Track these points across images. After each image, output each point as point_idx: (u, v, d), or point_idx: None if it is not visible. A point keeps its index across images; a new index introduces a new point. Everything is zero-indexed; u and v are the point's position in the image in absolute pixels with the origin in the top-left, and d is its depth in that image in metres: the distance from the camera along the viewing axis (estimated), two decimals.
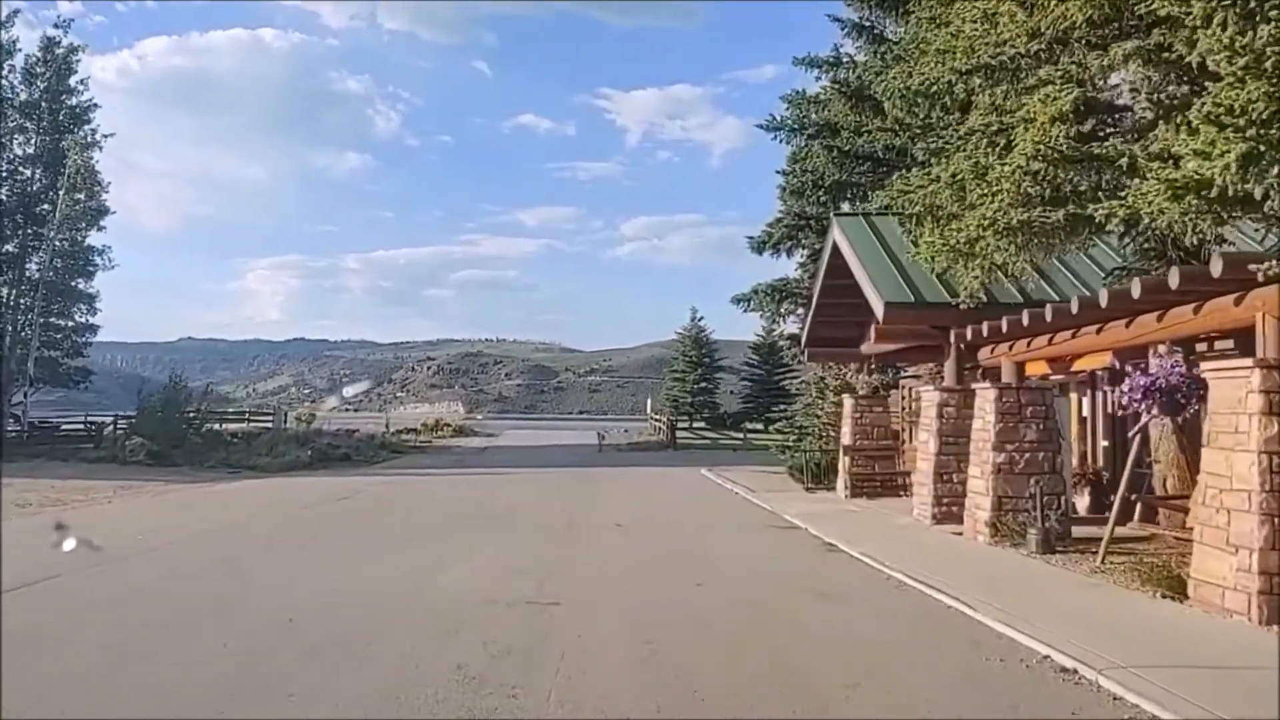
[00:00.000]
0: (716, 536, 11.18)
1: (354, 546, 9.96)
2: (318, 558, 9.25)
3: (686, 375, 52.22)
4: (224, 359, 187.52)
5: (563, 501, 15.52)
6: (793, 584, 7.88)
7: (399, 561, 8.88)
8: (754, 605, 6.95)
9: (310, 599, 7.03)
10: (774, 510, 13.86)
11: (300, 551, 9.84)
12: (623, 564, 8.82)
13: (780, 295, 15.80)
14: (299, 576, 8.08)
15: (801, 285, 15.95)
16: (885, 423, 16.09)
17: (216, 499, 17.07)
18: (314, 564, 8.81)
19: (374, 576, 8.00)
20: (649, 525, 12.22)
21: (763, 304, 16.08)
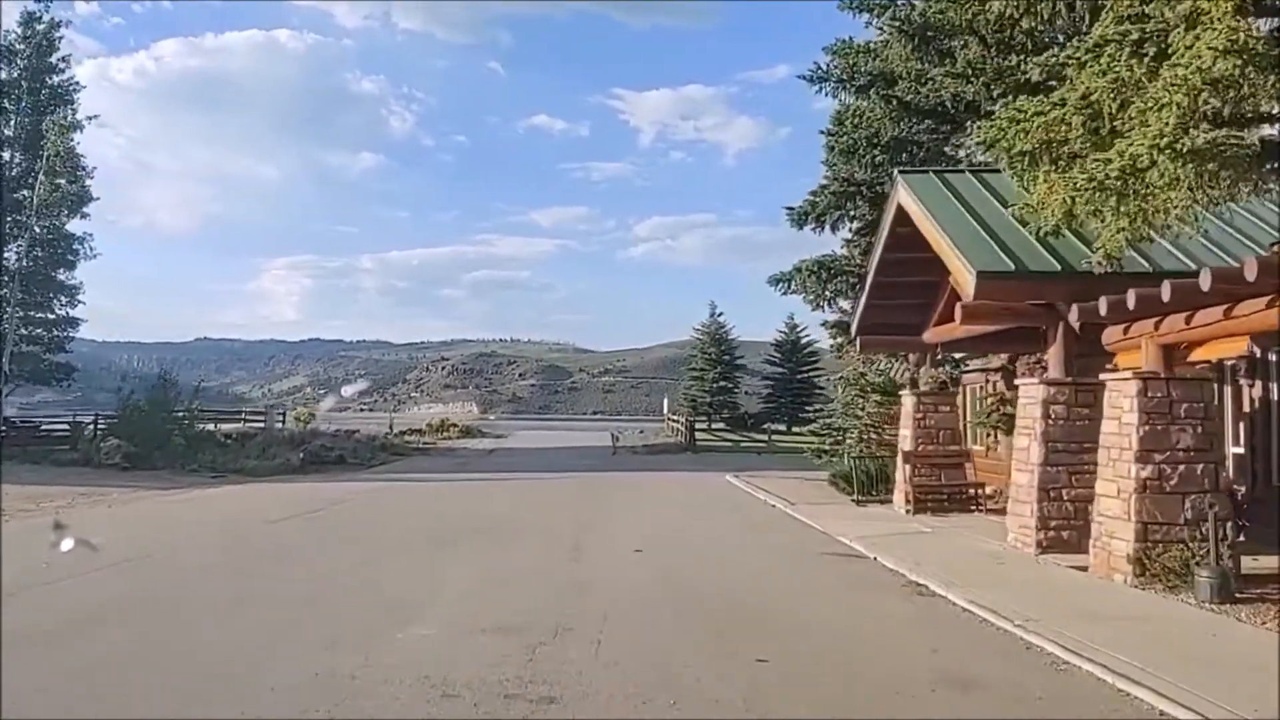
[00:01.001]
0: (764, 571, 8.82)
1: (288, 592, 7.55)
2: (225, 620, 6.44)
3: (705, 374, 49.81)
4: (239, 359, 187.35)
5: (570, 516, 13.22)
6: (894, 659, 5.52)
7: (338, 617, 6.56)
8: (858, 708, 4.59)
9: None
10: (825, 530, 11.49)
11: (209, 605, 7.18)
12: (647, 620, 6.47)
13: (827, 273, 13.40)
14: (170, 659, 5.48)
15: (851, 263, 13.58)
16: (953, 424, 13.67)
17: (177, 510, 14.92)
18: (213, 632, 6.11)
19: (286, 655, 5.46)
20: (675, 551, 9.88)
21: (805, 284, 13.68)
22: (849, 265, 13.42)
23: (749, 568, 8.82)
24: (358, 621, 6.29)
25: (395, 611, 6.52)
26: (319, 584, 7.68)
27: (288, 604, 6.91)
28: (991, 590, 7.22)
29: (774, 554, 9.75)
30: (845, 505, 14.61)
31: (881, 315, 13.58)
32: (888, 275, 12.90)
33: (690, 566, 8.81)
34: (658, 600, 7.14)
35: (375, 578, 7.96)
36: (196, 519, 13.37)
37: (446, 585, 7.74)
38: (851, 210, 14.14)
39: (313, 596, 7.17)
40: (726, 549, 10.09)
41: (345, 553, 9.52)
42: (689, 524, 12.46)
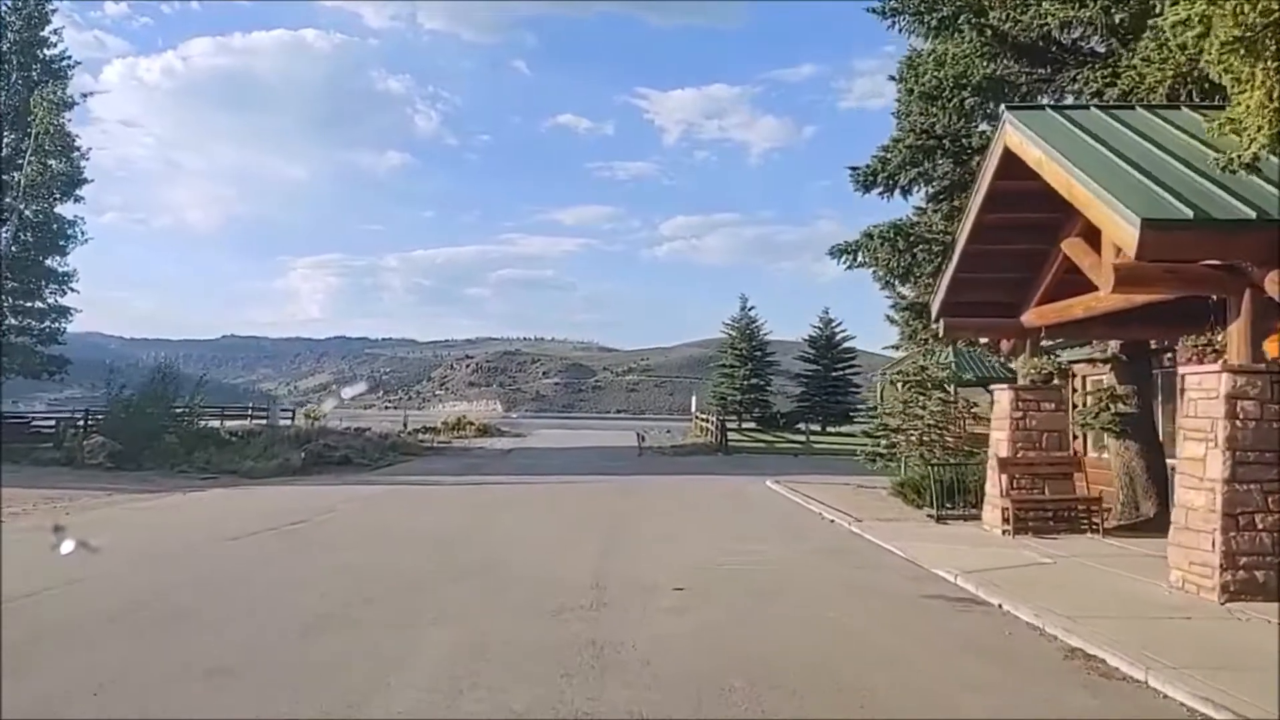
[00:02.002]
0: (856, 628, 6.46)
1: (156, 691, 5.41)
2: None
3: (735, 370, 47.36)
4: (266, 356, 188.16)
5: (590, 535, 10.94)
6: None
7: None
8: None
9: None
10: (911, 559, 9.11)
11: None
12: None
13: (905, 241, 10.93)
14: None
15: (932, 230, 11.14)
16: (1059, 426, 11.19)
17: (136, 519, 12.87)
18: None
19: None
20: (727, 592, 7.56)
21: (876, 255, 11.21)
22: (930, 232, 11.01)
23: (833, 623, 6.47)
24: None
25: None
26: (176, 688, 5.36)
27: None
28: (1224, 675, 4.83)
29: (859, 596, 7.39)
30: (921, 523, 12.20)
31: (970, 292, 11.15)
32: (982, 243, 10.48)
33: (751, 620, 6.48)
34: (714, 683, 4.83)
35: (291, 665, 5.63)
36: (144, 535, 11.26)
37: (416, 660, 5.49)
38: (929, 169, 11.72)
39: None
40: (794, 589, 7.75)
41: (281, 604, 7.29)
42: (736, 547, 10.13)
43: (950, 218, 11.64)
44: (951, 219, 11.65)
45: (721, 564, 8.88)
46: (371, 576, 8.08)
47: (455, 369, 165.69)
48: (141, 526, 12.12)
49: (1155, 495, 11.77)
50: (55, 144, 25.37)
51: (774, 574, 8.39)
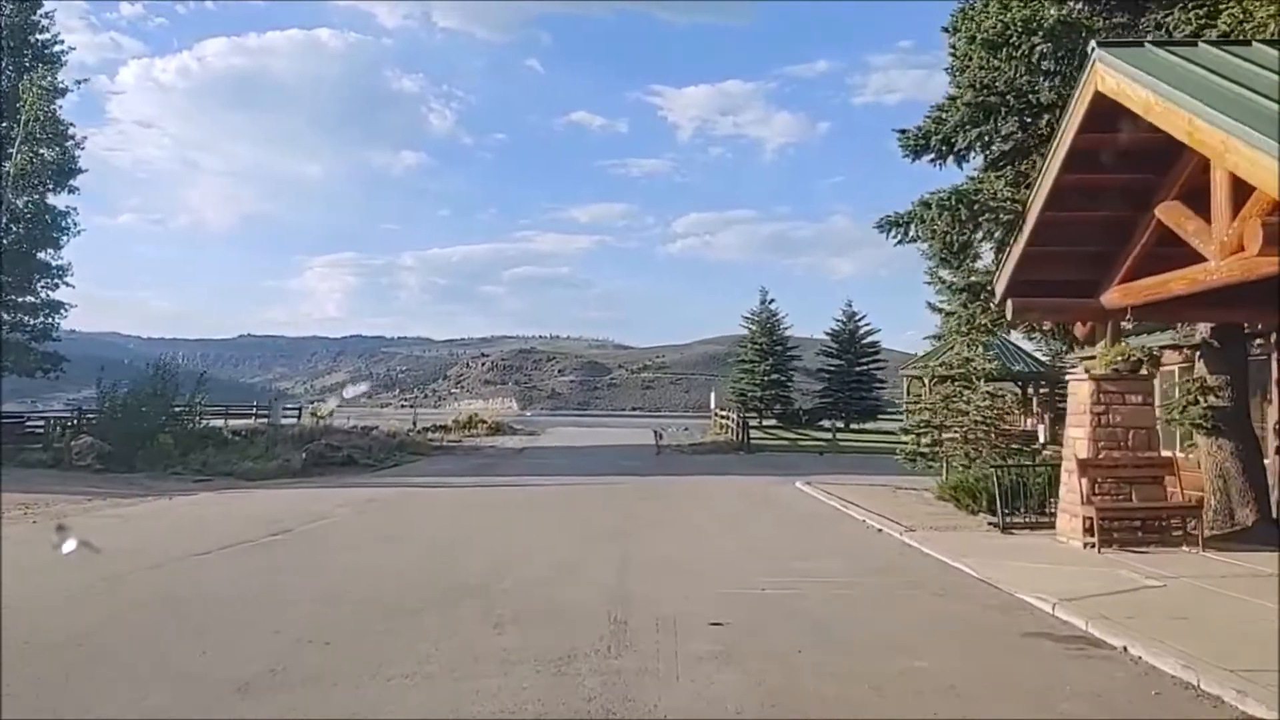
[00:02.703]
0: (953, 682, 5.02)
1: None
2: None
3: (756, 366, 45.79)
4: (282, 355, 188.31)
5: (606, 548, 9.57)
6: None
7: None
8: None
9: None
10: (987, 579, 7.66)
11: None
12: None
13: (968, 210, 9.40)
14: None
15: (998, 198, 9.62)
16: (1148, 422, 9.67)
17: (106, 527, 11.61)
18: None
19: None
20: (775, 629, 6.15)
21: (934, 227, 9.66)
22: (995, 200, 9.51)
23: (920, 675, 5.04)
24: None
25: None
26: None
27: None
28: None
29: (945, 637, 5.95)
30: (983, 532, 10.73)
31: (1042, 269, 9.66)
32: (1059, 209, 8.99)
33: (820, 677, 5.05)
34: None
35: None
36: (102, 547, 9.96)
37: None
38: (991, 130, 10.23)
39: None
40: (859, 625, 6.32)
41: (220, 654, 5.91)
42: (775, 564, 8.71)
43: (1015, 185, 10.14)
44: (1017, 186, 10.15)
45: (762, 587, 7.46)
46: (344, 605, 6.74)
47: (471, 367, 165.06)
48: (101, 537, 10.83)
49: (1254, 501, 10.26)
50: (46, 132, 24.31)
51: (828, 602, 6.96)
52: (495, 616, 6.34)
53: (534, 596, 7.06)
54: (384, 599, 6.95)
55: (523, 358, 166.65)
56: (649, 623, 6.07)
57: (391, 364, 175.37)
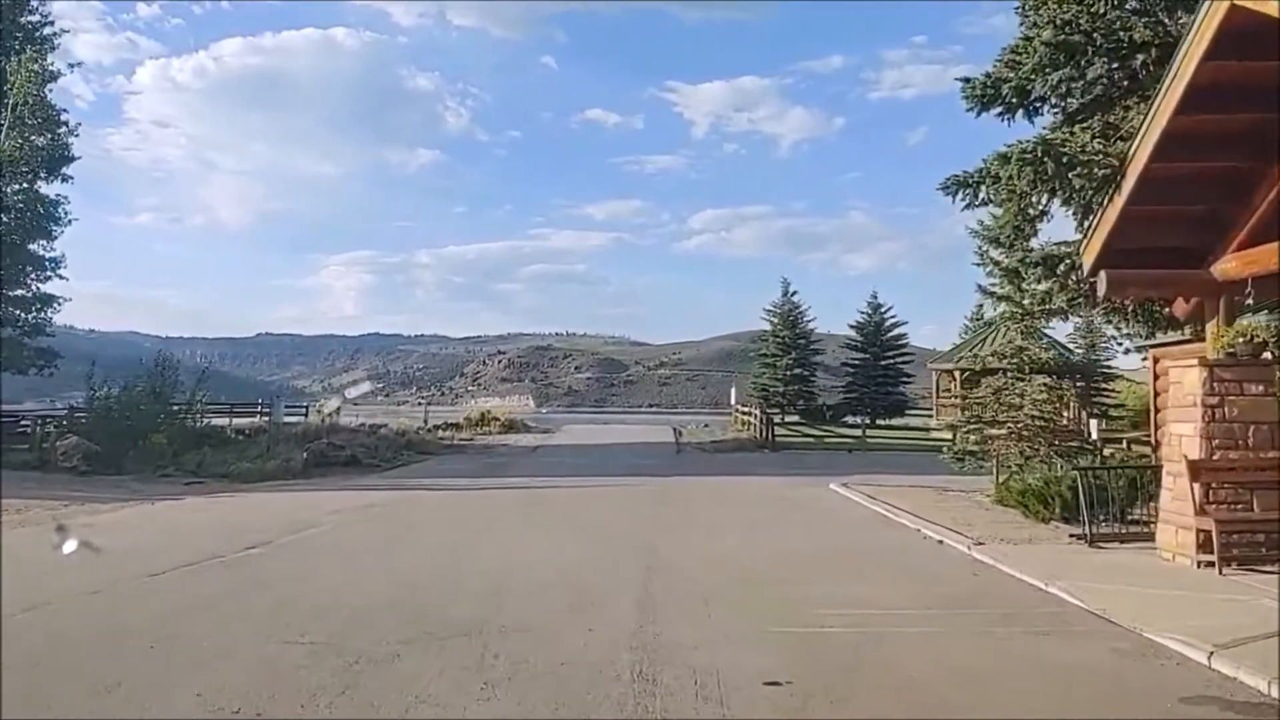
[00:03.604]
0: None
1: None
2: None
3: (778, 360, 44.17)
4: (299, 353, 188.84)
5: (623, 566, 8.14)
6: None
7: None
8: None
9: None
10: (1099, 611, 6.16)
11: None
12: None
13: (1058, 163, 7.81)
14: None
15: (1088, 152, 8.05)
16: (1270, 416, 8.08)
17: (44, 550, 10.33)
18: None
19: None
20: (862, 702, 4.68)
21: (1012, 185, 8.08)
22: (1087, 153, 7.92)
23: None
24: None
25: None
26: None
27: None
28: None
29: (1077, 701, 4.46)
30: (1065, 545, 9.21)
31: (1142, 234, 8.12)
32: (1170, 159, 7.45)
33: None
34: None
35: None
36: (31, 567, 8.64)
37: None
38: (1074, 75, 8.68)
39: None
40: (954, 681, 4.84)
41: None
42: (830, 589, 7.24)
43: (1105, 137, 8.57)
44: (1106, 139, 8.58)
45: (821, 623, 6.00)
46: (297, 651, 5.34)
47: (487, 365, 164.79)
48: (51, 553, 9.53)
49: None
50: (36, 117, 23.20)
51: (909, 646, 5.48)
52: (486, 670, 4.92)
53: (538, 639, 5.64)
54: (350, 642, 5.55)
55: (539, 355, 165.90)
56: (684, 680, 4.63)
57: (408, 362, 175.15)
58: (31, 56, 22.77)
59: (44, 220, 24.02)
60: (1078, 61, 8.67)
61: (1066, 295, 9.72)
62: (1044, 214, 9.17)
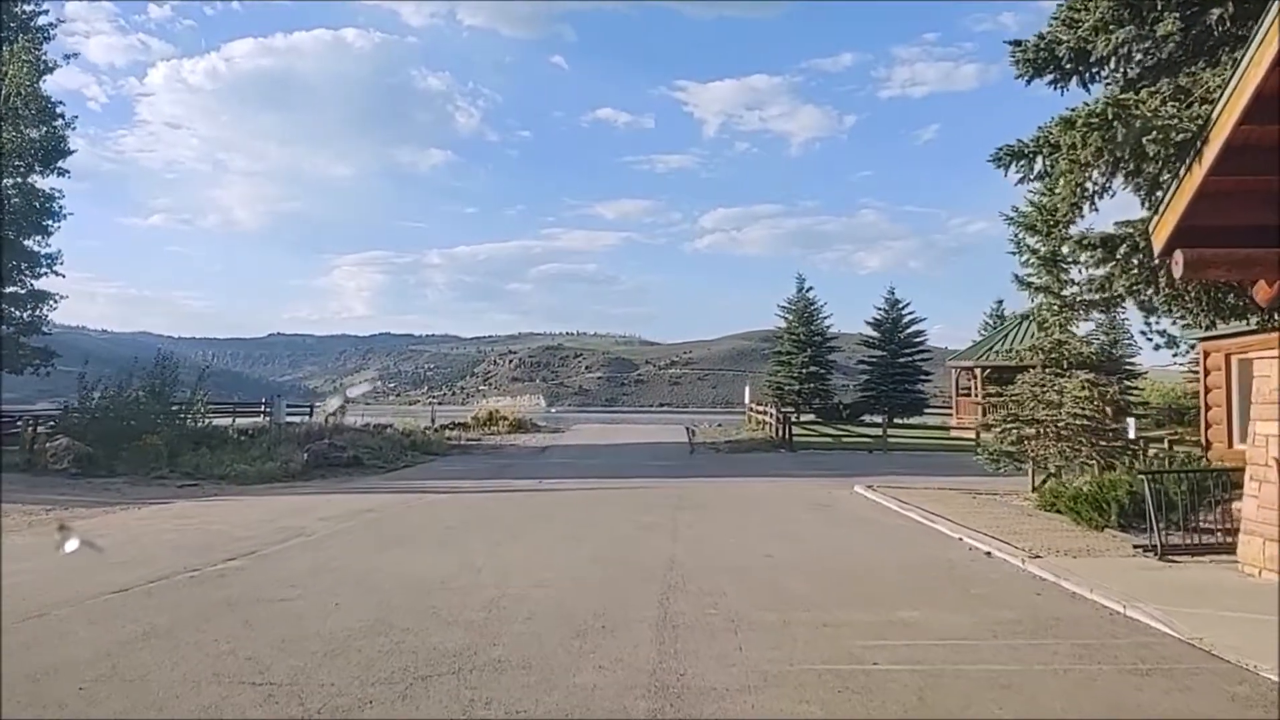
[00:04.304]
0: None
1: None
2: None
3: (793, 358, 43.13)
4: (311, 354, 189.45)
5: (641, 589, 7.23)
6: None
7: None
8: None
9: None
10: (1199, 642, 5.23)
11: None
12: None
13: (1130, 128, 6.82)
14: None
15: (1162, 116, 7.06)
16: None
17: (8, 560, 9.53)
18: None
19: None
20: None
21: (1076, 154, 7.10)
22: (1162, 118, 6.92)
23: None
24: None
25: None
26: None
27: None
28: None
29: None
30: (1130, 557, 8.24)
31: (1224, 210, 7.14)
32: (1264, 120, 6.48)
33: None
34: None
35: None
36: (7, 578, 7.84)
37: None
38: (1142, 34, 7.71)
39: None
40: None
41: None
42: (875, 614, 6.31)
43: (1177, 101, 7.60)
44: (1179, 103, 7.60)
45: (870, 658, 5.08)
46: (244, 695, 4.47)
47: (498, 364, 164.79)
48: (12, 564, 8.73)
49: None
50: (30, 108, 22.53)
51: (979, 689, 4.56)
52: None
53: (538, 679, 4.75)
54: (316, 681, 4.69)
55: (550, 354, 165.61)
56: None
57: (419, 361, 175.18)
58: (25, 46, 22.10)
59: (39, 215, 23.35)
60: (1145, 17, 7.70)
61: (1128, 280, 8.74)
62: (1104, 190, 8.21)
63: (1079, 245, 8.69)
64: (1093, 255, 8.81)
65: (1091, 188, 8.06)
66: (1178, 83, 7.89)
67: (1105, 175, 7.74)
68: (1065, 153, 7.44)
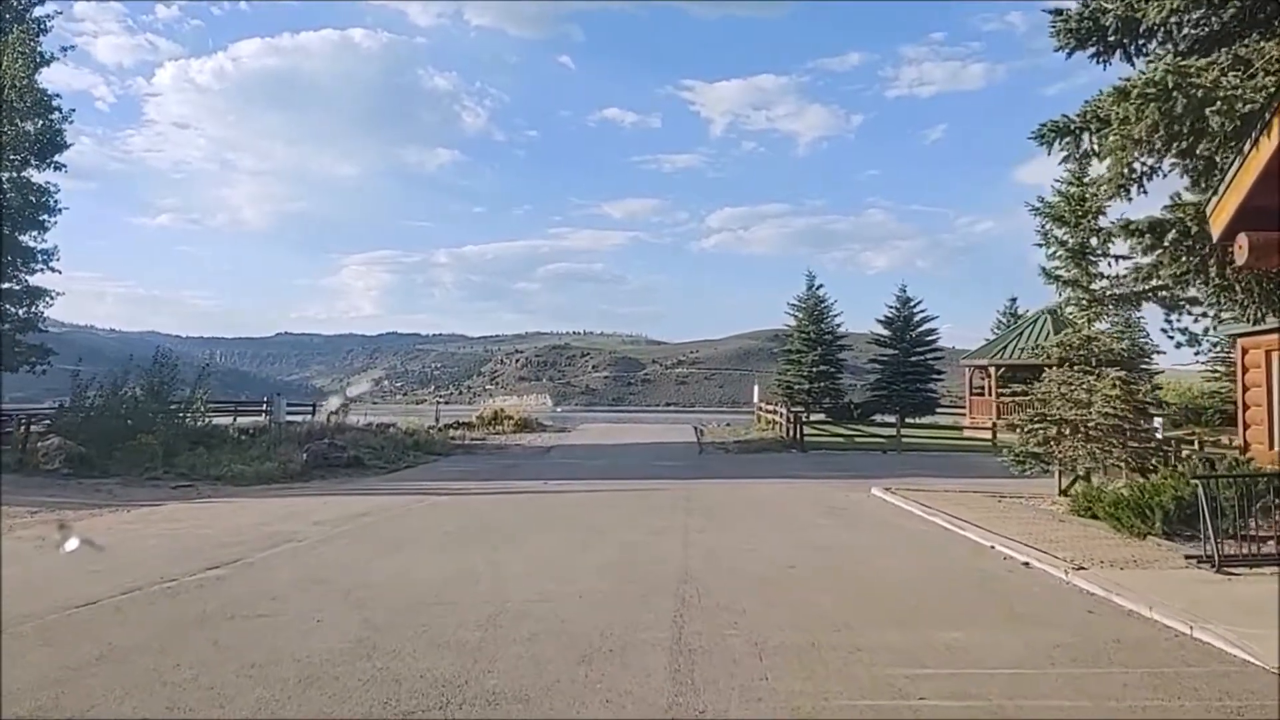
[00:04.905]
0: None
1: None
2: None
3: (803, 356, 42.43)
4: (319, 353, 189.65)
5: (653, 602, 6.62)
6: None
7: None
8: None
9: None
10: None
11: None
12: None
13: (1190, 98, 6.17)
14: None
15: (1224, 88, 6.40)
16: None
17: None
18: None
19: None
20: None
21: (1127, 129, 6.46)
22: (1225, 89, 6.28)
23: None
24: None
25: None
26: None
27: None
28: None
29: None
30: (1183, 570, 7.58)
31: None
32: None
33: None
34: None
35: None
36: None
37: None
38: (1197, 1, 7.04)
39: None
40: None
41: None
42: (912, 636, 5.68)
43: (1237, 71, 6.93)
44: (1239, 73, 6.94)
45: (915, 692, 4.46)
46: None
47: (505, 363, 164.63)
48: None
49: None
50: (25, 101, 22.04)
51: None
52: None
53: (537, 716, 4.14)
54: None
55: (557, 354, 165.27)
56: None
57: (427, 361, 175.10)
58: (20, 38, 21.61)
59: (35, 210, 22.85)
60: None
61: (1176, 268, 8.08)
62: (1153, 171, 7.54)
63: (1125, 231, 8.03)
64: (1139, 242, 8.15)
65: (1140, 168, 7.41)
66: (1236, 53, 7.23)
67: (1158, 153, 7.08)
68: (1116, 127, 6.79)
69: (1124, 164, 7.24)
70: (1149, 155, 7.21)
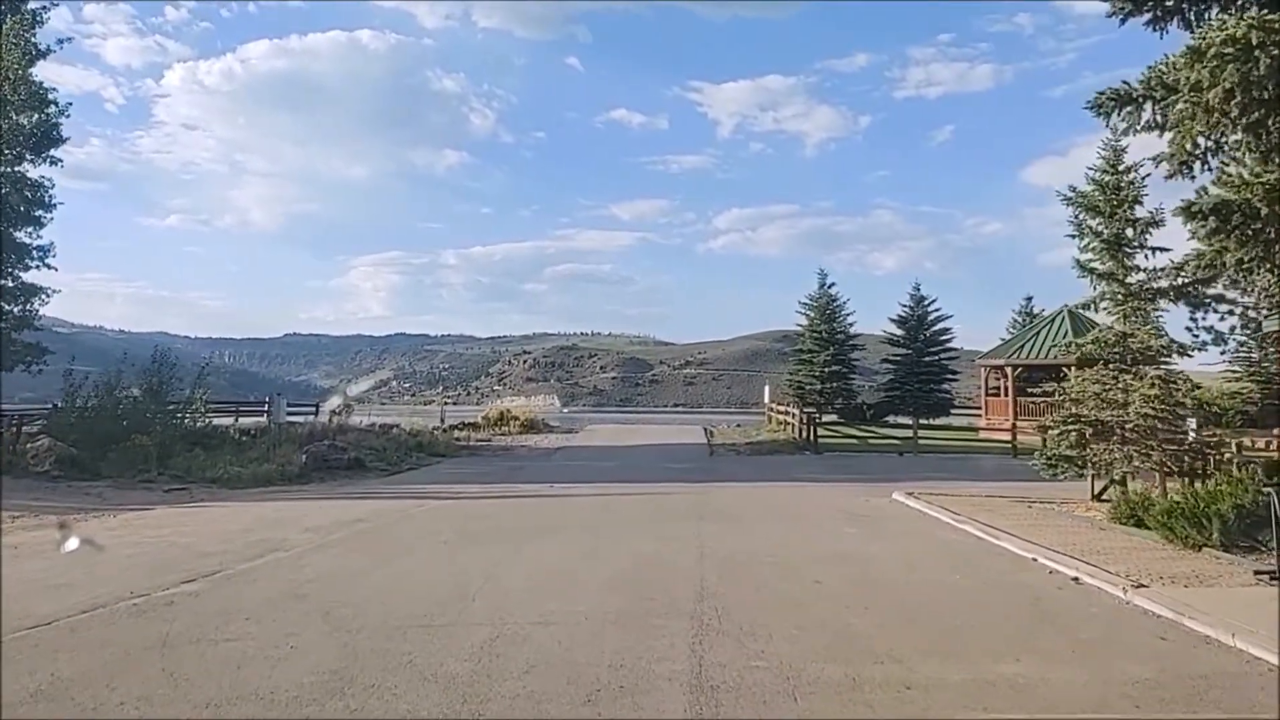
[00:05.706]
0: None
1: None
2: None
3: (815, 356, 41.59)
4: (327, 354, 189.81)
5: (669, 627, 5.92)
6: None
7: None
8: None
9: None
10: None
11: None
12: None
13: (1272, 61, 5.49)
14: None
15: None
16: None
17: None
18: None
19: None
20: None
21: (1199, 95, 5.74)
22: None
23: None
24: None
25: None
26: None
27: None
28: None
29: None
30: (1252, 586, 6.84)
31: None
32: None
33: None
34: None
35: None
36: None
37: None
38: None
39: None
40: None
41: None
42: (963, 666, 4.99)
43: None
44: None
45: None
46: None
47: (513, 364, 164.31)
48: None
49: None
50: (20, 93, 21.50)
51: None
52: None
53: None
54: None
55: (564, 354, 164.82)
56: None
57: (435, 361, 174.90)
58: (14, 30, 21.07)
59: (30, 205, 22.30)
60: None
61: (1242, 253, 7.34)
62: (1218, 148, 6.79)
63: (1186, 214, 7.29)
64: (1202, 225, 7.41)
65: (1205, 143, 6.66)
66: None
67: (1232, 122, 6.30)
68: (1186, 94, 6.06)
69: (1190, 136, 6.51)
70: (1216, 130, 6.46)
